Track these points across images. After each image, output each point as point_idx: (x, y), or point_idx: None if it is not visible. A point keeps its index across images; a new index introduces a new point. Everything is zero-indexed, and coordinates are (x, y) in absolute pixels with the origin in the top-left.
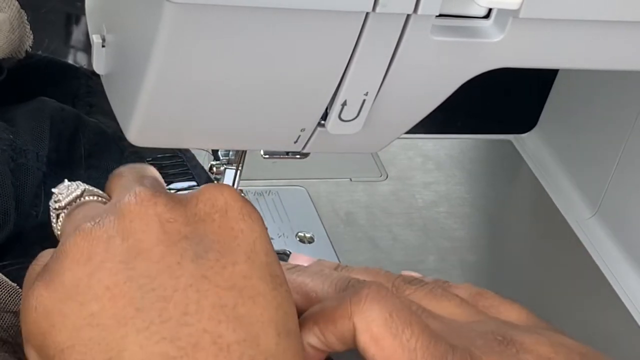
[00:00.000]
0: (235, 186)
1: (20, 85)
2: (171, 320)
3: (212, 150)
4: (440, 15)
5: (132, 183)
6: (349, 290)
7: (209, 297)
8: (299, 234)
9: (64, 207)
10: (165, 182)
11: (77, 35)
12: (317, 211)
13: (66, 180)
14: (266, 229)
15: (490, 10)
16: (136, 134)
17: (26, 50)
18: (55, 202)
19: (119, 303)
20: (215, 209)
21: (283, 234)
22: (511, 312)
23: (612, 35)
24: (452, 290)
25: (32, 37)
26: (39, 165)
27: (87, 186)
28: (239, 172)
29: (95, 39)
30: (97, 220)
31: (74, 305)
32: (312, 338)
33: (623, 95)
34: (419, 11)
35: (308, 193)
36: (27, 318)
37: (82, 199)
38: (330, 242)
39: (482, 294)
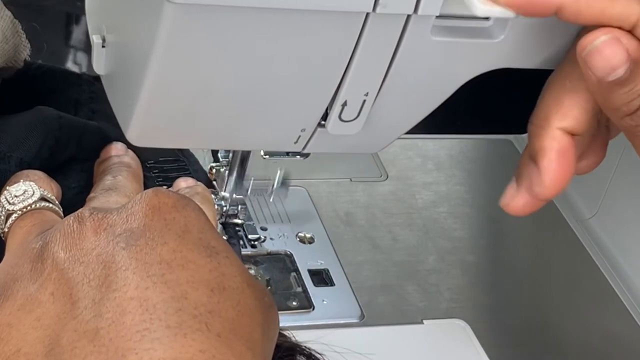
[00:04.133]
0: (235, 187)
1: (20, 95)
2: (102, 299)
3: (212, 152)
4: (441, 16)
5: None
6: None
7: (137, 272)
8: (299, 234)
9: (17, 211)
10: (167, 185)
11: (77, 35)
12: (317, 211)
13: (21, 181)
14: (204, 217)
15: None
16: (136, 134)
17: (25, 60)
18: (10, 203)
19: (59, 302)
20: (149, 207)
21: (283, 234)
22: None
23: None
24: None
25: (29, 46)
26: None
27: (42, 191)
28: (238, 172)
29: (95, 39)
30: (47, 240)
31: (21, 314)
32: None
33: None
34: (419, 11)
35: (308, 193)
36: None
37: (36, 205)
38: (330, 242)
39: None
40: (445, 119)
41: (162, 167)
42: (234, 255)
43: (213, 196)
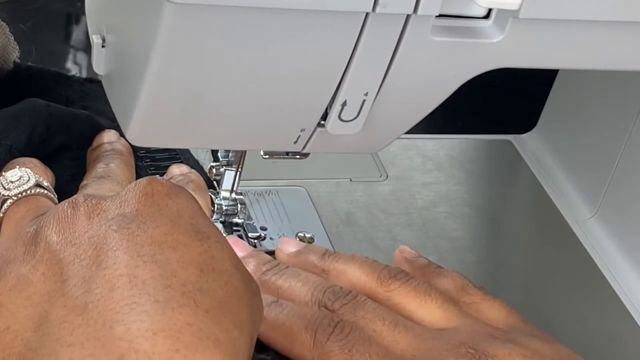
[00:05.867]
0: (235, 186)
1: (10, 95)
2: (92, 277)
3: (212, 151)
4: (440, 16)
5: (85, 192)
6: (320, 318)
7: (128, 252)
8: (299, 234)
9: (12, 196)
10: (159, 174)
11: (77, 35)
12: (317, 211)
13: (17, 167)
14: (196, 204)
15: (490, 10)
16: (136, 134)
17: (14, 61)
18: (5, 188)
19: (50, 281)
20: (143, 194)
21: (283, 234)
22: (492, 311)
23: (612, 35)
24: (440, 280)
25: (18, 48)
26: (10, 159)
27: (37, 178)
28: (238, 172)
29: (95, 39)
30: (41, 224)
31: (12, 294)
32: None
33: (623, 95)
34: (419, 11)
35: (308, 193)
36: None
37: (31, 191)
38: (330, 242)
39: (466, 289)
40: (445, 119)
41: (153, 156)
42: (225, 241)
43: (213, 197)
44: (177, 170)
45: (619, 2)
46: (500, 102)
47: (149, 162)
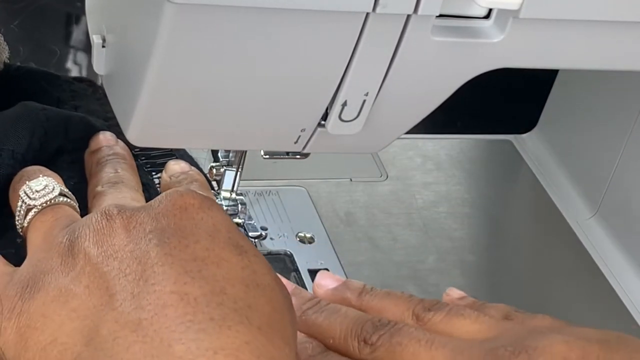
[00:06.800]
0: (235, 187)
1: (2, 97)
2: (141, 292)
3: (212, 152)
4: (441, 16)
5: (107, 199)
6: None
7: (174, 268)
8: (299, 234)
9: (37, 206)
10: (155, 171)
11: (77, 35)
12: (317, 211)
13: (41, 175)
14: (228, 217)
15: (490, 10)
16: (136, 134)
17: (4, 62)
18: (30, 198)
19: (95, 294)
20: (176, 207)
21: (283, 234)
22: (534, 321)
23: (612, 35)
24: (484, 310)
25: (7, 48)
26: (13, 163)
27: (61, 188)
28: (238, 173)
29: (96, 39)
30: (75, 235)
31: (55, 306)
32: None
33: (623, 95)
34: (419, 11)
35: (308, 193)
36: (8, 329)
37: (56, 200)
38: (330, 242)
39: (509, 315)
40: (445, 119)
41: (149, 154)
42: (261, 254)
43: (213, 197)
44: (178, 167)
45: (619, 2)
46: (500, 102)
47: (144, 159)
